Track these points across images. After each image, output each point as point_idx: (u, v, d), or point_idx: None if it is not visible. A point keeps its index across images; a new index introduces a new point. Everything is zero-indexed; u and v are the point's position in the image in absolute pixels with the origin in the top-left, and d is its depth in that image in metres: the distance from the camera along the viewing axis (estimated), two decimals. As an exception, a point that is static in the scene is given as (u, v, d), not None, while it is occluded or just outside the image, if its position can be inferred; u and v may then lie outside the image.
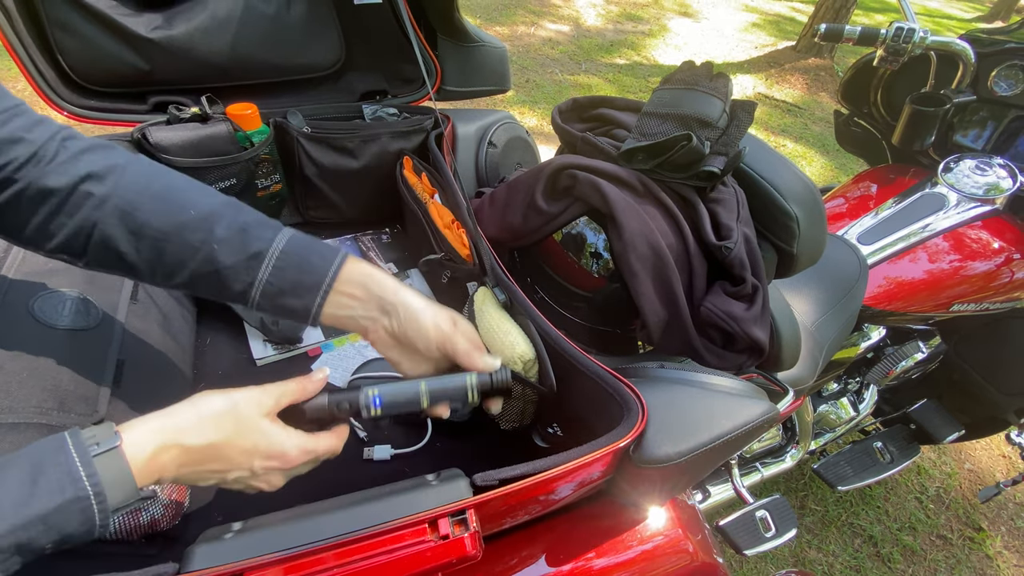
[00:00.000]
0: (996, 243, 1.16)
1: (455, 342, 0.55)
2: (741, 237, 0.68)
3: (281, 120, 0.95)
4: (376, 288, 0.53)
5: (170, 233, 0.49)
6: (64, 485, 0.36)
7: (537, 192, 0.75)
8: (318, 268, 0.51)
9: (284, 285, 0.51)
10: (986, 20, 8.36)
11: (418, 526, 0.42)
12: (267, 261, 0.50)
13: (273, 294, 0.51)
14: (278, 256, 0.50)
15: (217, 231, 0.49)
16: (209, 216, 0.49)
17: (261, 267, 0.50)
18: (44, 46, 0.81)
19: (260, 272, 0.50)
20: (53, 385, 0.54)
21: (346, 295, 0.53)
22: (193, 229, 0.49)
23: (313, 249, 0.52)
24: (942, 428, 1.46)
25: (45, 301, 0.59)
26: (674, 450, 0.51)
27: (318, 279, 0.51)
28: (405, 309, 0.54)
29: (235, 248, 0.49)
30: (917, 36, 1.11)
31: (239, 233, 0.50)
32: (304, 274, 0.51)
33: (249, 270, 0.50)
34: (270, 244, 0.50)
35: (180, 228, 0.49)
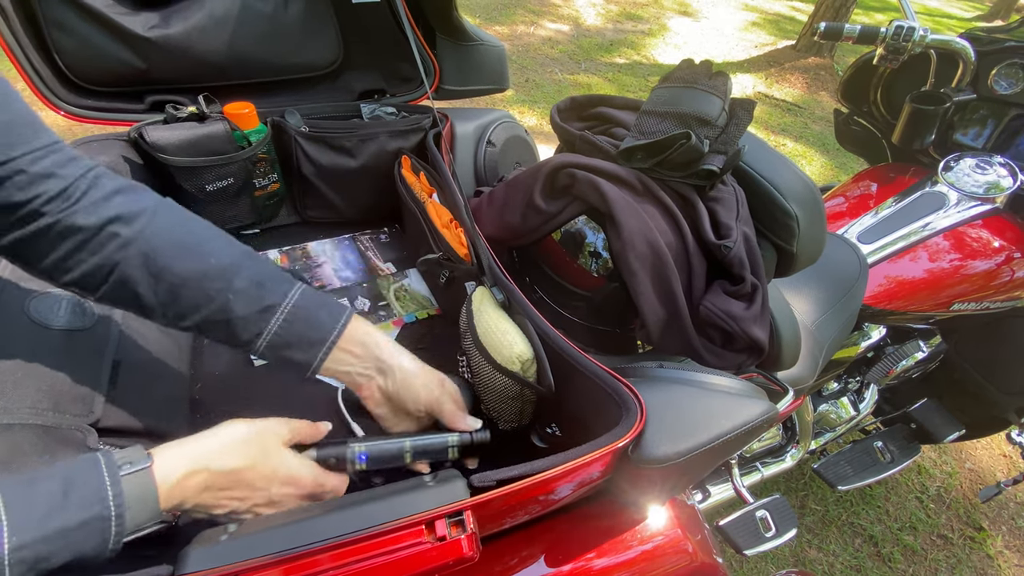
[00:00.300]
0: (996, 242, 1.15)
1: (442, 404, 0.60)
2: (740, 236, 0.68)
3: (279, 119, 0.95)
4: (375, 349, 0.57)
5: (189, 280, 0.50)
6: (91, 502, 0.37)
7: (535, 191, 0.75)
8: (325, 325, 0.54)
9: (291, 339, 0.53)
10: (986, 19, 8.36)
11: (415, 527, 0.42)
12: (279, 315, 0.52)
13: (279, 346, 0.53)
14: (289, 310, 0.53)
15: (236, 283, 0.51)
16: (230, 267, 0.52)
17: (272, 320, 0.52)
18: (41, 45, 0.81)
19: (270, 324, 0.52)
20: (48, 386, 0.54)
21: (347, 352, 0.56)
22: (213, 278, 0.51)
23: (322, 305, 0.55)
24: (942, 427, 1.46)
25: (41, 301, 0.59)
26: (673, 450, 0.51)
27: (323, 335, 0.54)
28: (401, 372, 0.58)
29: (250, 300, 0.52)
30: (917, 35, 1.11)
31: (256, 286, 0.52)
32: (311, 329, 0.54)
33: (260, 322, 0.52)
34: (284, 299, 0.53)
35: (200, 276, 0.51)
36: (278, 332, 0.52)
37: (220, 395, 0.78)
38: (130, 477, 0.39)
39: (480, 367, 0.68)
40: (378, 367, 0.57)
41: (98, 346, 0.61)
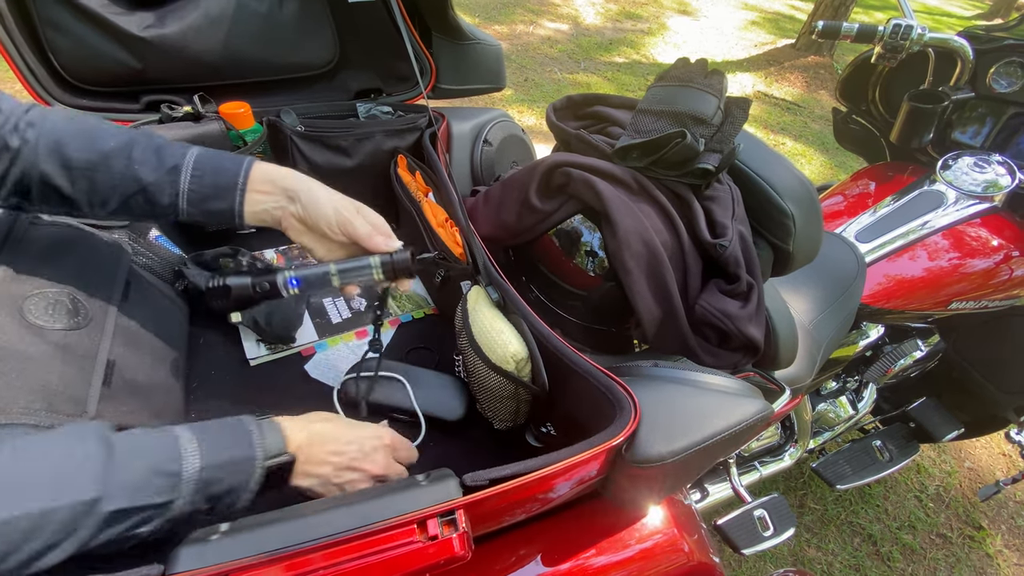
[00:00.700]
0: (995, 241, 1.15)
1: (355, 224, 0.61)
2: (736, 235, 0.68)
3: (274, 119, 0.95)
4: (280, 180, 0.59)
5: (97, 163, 0.54)
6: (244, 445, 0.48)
7: (531, 190, 0.75)
8: (231, 170, 0.58)
9: (205, 190, 0.57)
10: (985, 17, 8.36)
11: (407, 526, 0.41)
12: (184, 171, 0.56)
13: (198, 200, 0.57)
14: (193, 166, 0.57)
15: (135, 154, 0.55)
16: (127, 143, 0.55)
17: (181, 177, 0.56)
18: (36, 45, 0.81)
19: (181, 182, 0.56)
20: (41, 386, 0.54)
21: (258, 192, 0.59)
22: (115, 156, 0.55)
23: (223, 156, 0.59)
24: (941, 426, 1.46)
25: (34, 301, 0.59)
26: (667, 449, 0.51)
27: (232, 179, 0.57)
28: (307, 194, 0.60)
29: (154, 166, 0.55)
30: (915, 33, 1.10)
31: (155, 153, 0.56)
32: (220, 176, 0.57)
33: (172, 183, 0.56)
34: (183, 157, 0.57)
35: (104, 157, 0.54)
36: (191, 188, 0.56)
37: (215, 394, 0.78)
38: (264, 423, 0.51)
39: (475, 366, 0.68)
40: (287, 195, 0.60)
41: (92, 346, 0.61)
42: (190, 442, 0.46)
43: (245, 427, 0.50)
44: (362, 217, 0.63)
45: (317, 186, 0.61)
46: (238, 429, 0.50)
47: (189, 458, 0.45)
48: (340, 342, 0.89)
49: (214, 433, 0.48)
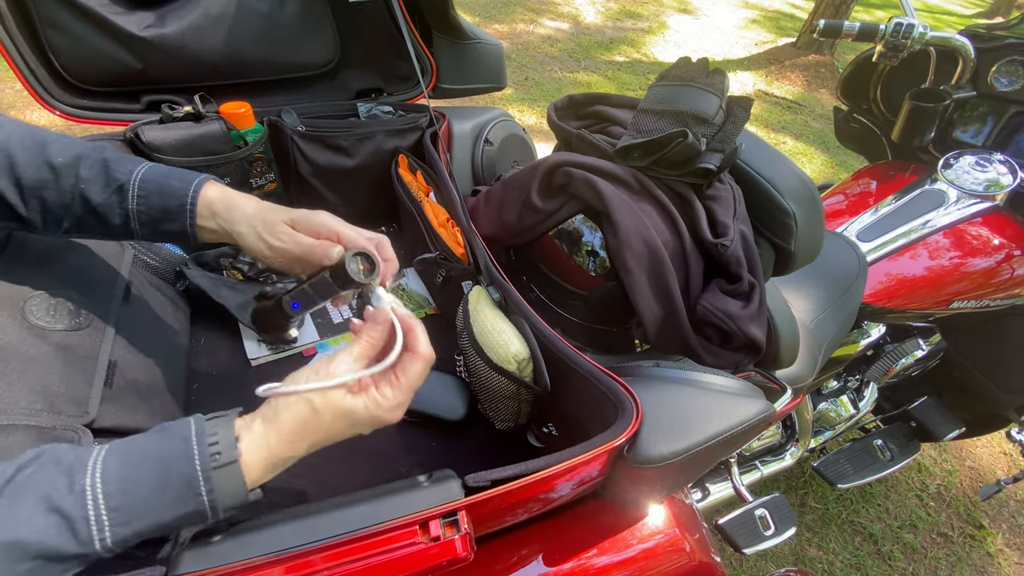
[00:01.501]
0: (996, 240, 1.15)
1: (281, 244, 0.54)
2: (738, 234, 0.67)
3: (275, 119, 0.94)
4: (213, 202, 0.55)
5: (47, 181, 0.52)
6: (187, 498, 0.39)
7: (532, 190, 0.75)
8: (179, 190, 0.54)
9: (154, 212, 0.54)
10: (986, 16, 8.35)
11: (409, 528, 0.41)
12: (131, 191, 0.53)
13: (150, 222, 0.54)
14: (139, 185, 0.53)
15: (82, 171, 0.52)
16: (75, 160, 0.53)
17: (128, 198, 0.53)
18: (36, 45, 0.81)
19: (129, 202, 0.53)
20: (43, 387, 0.54)
21: (212, 213, 0.55)
22: (64, 174, 0.52)
23: (172, 175, 0.55)
24: (942, 425, 1.46)
25: (36, 302, 0.59)
26: (669, 449, 0.51)
27: (181, 200, 0.54)
28: (227, 218, 0.55)
29: (101, 184, 0.53)
30: (916, 32, 1.10)
31: (102, 170, 0.53)
32: (167, 198, 0.54)
33: (120, 203, 0.53)
34: (131, 175, 0.53)
35: (54, 175, 0.52)
36: (139, 209, 0.53)
37: (216, 395, 0.78)
38: (220, 472, 0.40)
39: (476, 366, 0.68)
40: (221, 219, 0.55)
41: (93, 347, 0.61)
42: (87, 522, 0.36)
43: (184, 474, 0.39)
44: (288, 231, 0.54)
45: (241, 207, 0.55)
46: (172, 477, 0.39)
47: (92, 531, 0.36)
48: (341, 342, 0.88)
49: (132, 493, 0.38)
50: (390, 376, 0.47)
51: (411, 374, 0.47)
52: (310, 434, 0.44)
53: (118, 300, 0.68)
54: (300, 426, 0.43)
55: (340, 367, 0.46)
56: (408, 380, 0.47)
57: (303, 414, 0.43)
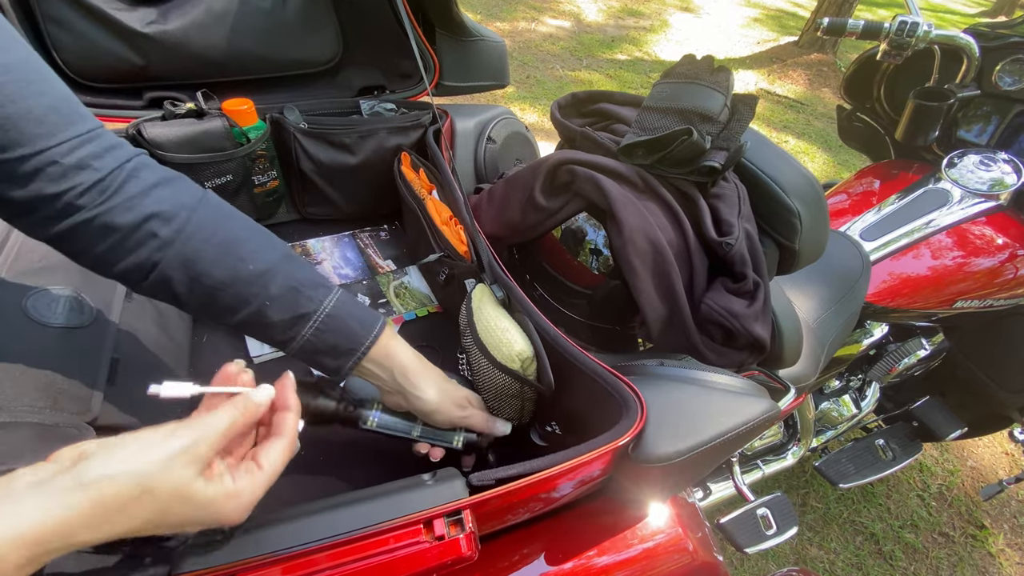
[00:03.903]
0: (1000, 239, 1.15)
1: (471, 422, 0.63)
2: (742, 233, 0.67)
3: (278, 116, 0.94)
4: (399, 375, 0.58)
5: (227, 284, 0.50)
6: None
7: (535, 188, 0.74)
8: (357, 336, 0.55)
9: (322, 346, 0.54)
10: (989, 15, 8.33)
11: (413, 527, 0.41)
12: (312, 322, 0.53)
13: (311, 352, 0.54)
14: (323, 320, 0.53)
15: (272, 289, 0.51)
16: (267, 272, 0.51)
17: (305, 327, 0.53)
18: (38, 42, 0.80)
19: (304, 331, 0.53)
20: (46, 384, 0.54)
21: (375, 366, 0.57)
22: (249, 283, 0.51)
23: (354, 315, 0.55)
24: (945, 425, 1.45)
25: (38, 299, 0.59)
26: (673, 449, 0.51)
27: (354, 346, 0.55)
28: (421, 403, 0.59)
29: (285, 306, 0.52)
30: (921, 30, 1.10)
31: (291, 292, 0.52)
32: (342, 339, 0.54)
33: (294, 327, 0.53)
34: (319, 307, 0.53)
35: (236, 280, 0.50)
36: (311, 339, 0.53)
37: (219, 393, 0.77)
38: None
39: (480, 365, 0.68)
40: (399, 391, 0.59)
41: (96, 344, 0.61)
42: None
43: None
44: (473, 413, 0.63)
45: (433, 393, 0.59)
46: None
47: None
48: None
49: None
50: (250, 462, 0.40)
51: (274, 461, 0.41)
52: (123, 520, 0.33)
53: (121, 298, 0.68)
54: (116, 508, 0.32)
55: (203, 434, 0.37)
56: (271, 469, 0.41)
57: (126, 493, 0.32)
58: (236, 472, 0.39)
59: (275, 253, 0.53)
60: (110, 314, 0.64)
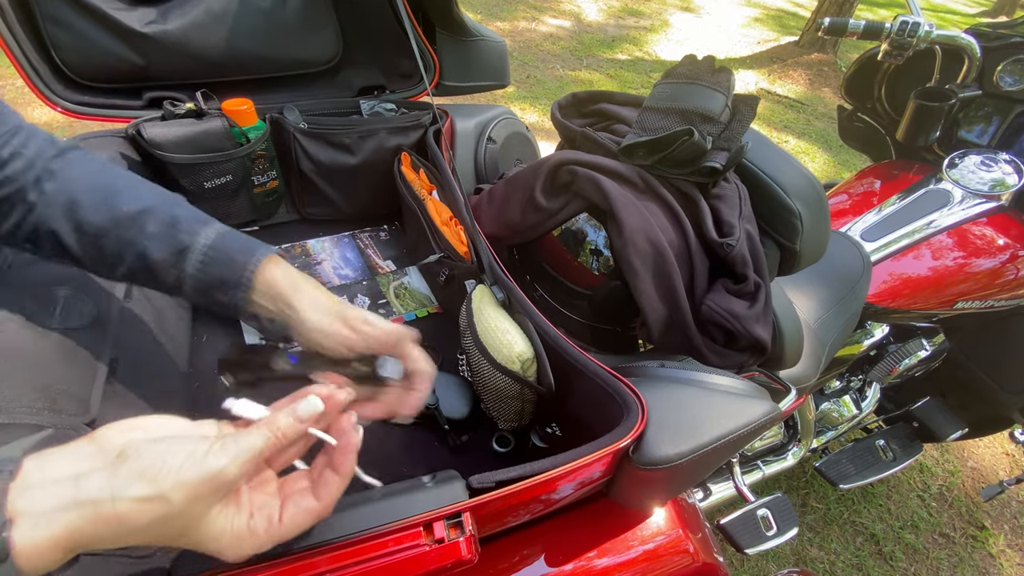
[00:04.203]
0: (1001, 240, 1.14)
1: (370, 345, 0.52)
2: (743, 234, 0.67)
3: (277, 116, 0.94)
4: (278, 298, 0.52)
5: (108, 228, 0.50)
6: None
7: (536, 188, 0.74)
8: (241, 264, 0.51)
9: (212, 281, 0.51)
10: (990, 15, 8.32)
11: (412, 529, 0.41)
12: (193, 256, 0.51)
13: (202, 289, 0.52)
14: (204, 252, 0.51)
15: (148, 227, 0.50)
16: (143, 211, 0.51)
17: (188, 262, 0.51)
18: (38, 41, 0.80)
19: (188, 266, 0.51)
20: (44, 384, 0.53)
21: (262, 296, 0.52)
22: (127, 225, 0.50)
23: (236, 246, 0.52)
24: (945, 426, 1.45)
25: (37, 299, 0.58)
26: (675, 451, 0.51)
27: (238, 276, 0.51)
28: (302, 326, 0.51)
29: (164, 243, 0.50)
30: (922, 30, 1.09)
31: (168, 228, 0.51)
32: (226, 270, 0.51)
33: (178, 264, 0.51)
34: (197, 239, 0.51)
35: (116, 223, 0.50)
36: (196, 275, 0.51)
37: (218, 391, 0.77)
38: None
39: (480, 366, 0.68)
40: (286, 321, 0.52)
41: (95, 344, 0.60)
42: None
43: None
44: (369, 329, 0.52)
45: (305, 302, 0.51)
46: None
47: None
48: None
49: None
50: (271, 509, 0.37)
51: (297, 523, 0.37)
52: (138, 536, 0.32)
53: (120, 298, 0.68)
54: (138, 528, 0.32)
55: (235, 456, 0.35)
56: (295, 522, 0.37)
57: (152, 513, 0.32)
58: (258, 512, 0.37)
59: (153, 195, 0.53)
60: (108, 314, 0.64)
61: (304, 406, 0.39)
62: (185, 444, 0.34)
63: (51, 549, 0.30)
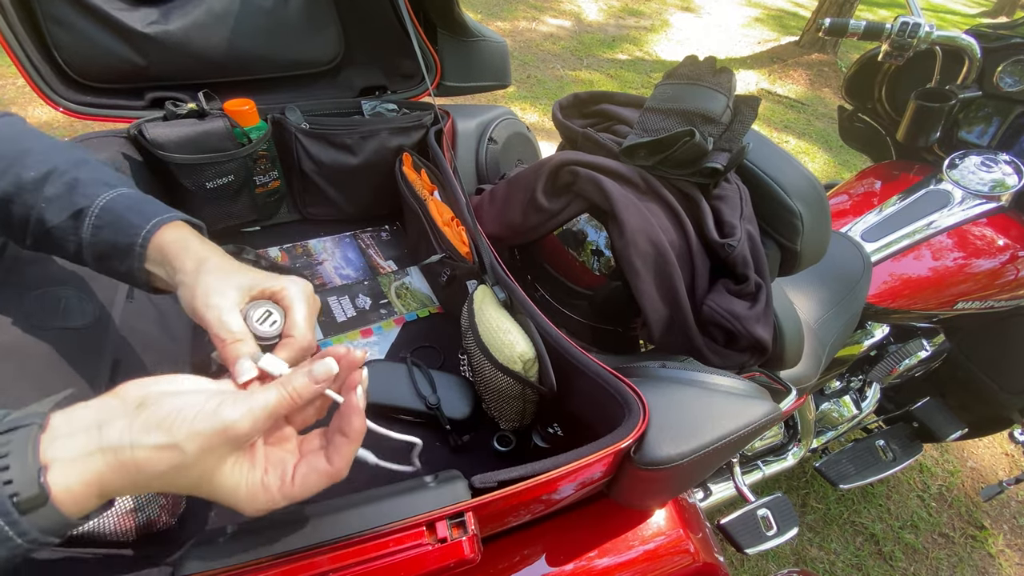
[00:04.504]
0: (1001, 240, 1.15)
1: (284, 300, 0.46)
2: (744, 234, 0.67)
3: (279, 116, 0.94)
4: (167, 264, 0.47)
5: (13, 195, 0.48)
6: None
7: (537, 189, 0.74)
8: (133, 228, 0.47)
9: (105, 247, 0.47)
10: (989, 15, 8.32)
11: (415, 529, 0.41)
12: (87, 219, 0.47)
13: (99, 257, 0.48)
14: (97, 215, 0.47)
15: (47, 190, 0.48)
16: (47, 175, 0.48)
17: (83, 226, 0.47)
18: (40, 42, 0.80)
19: (83, 232, 0.47)
20: (47, 385, 0.54)
21: (157, 262, 0.47)
22: (31, 191, 0.48)
23: (134, 208, 0.48)
24: (945, 426, 1.45)
25: (38, 300, 0.58)
26: (676, 451, 0.51)
27: (132, 240, 0.47)
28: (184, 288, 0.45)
29: (61, 206, 0.47)
30: (923, 31, 1.10)
31: (67, 190, 0.48)
32: (119, 235, 0.47)
33: (76, 229, 0.47)
34: (92, 201, 0.47)
35: (20, 189, 0.48)
36: (91, 241, 0.47)
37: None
38: (27, 516, 0.29)
39: (481, 366, 0.68)
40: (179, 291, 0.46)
41: (97, 344, 0.61)
42: None
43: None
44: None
45: (189, 263, 0.45)
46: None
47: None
48: (344, 340, 0.88)
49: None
50: (286, 466, 0.38)
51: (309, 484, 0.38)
52: (154, 483, 0.33)
53: (122, 298, 0.68)
54: (155, 474, 0.33)
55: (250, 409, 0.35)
56: (307, 483, 0.38)
57: (168, 461, 0.32)
58: (271, 463, 0.38)
59: (61, 158, 0.50)
60: (111, 315, 0.64)
61: (319, 367, 0.39)
62: (200, 397, 0.35)
63: (84, 494, 0.31)
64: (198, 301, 0.43)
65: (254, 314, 0.44)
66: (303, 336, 0.44)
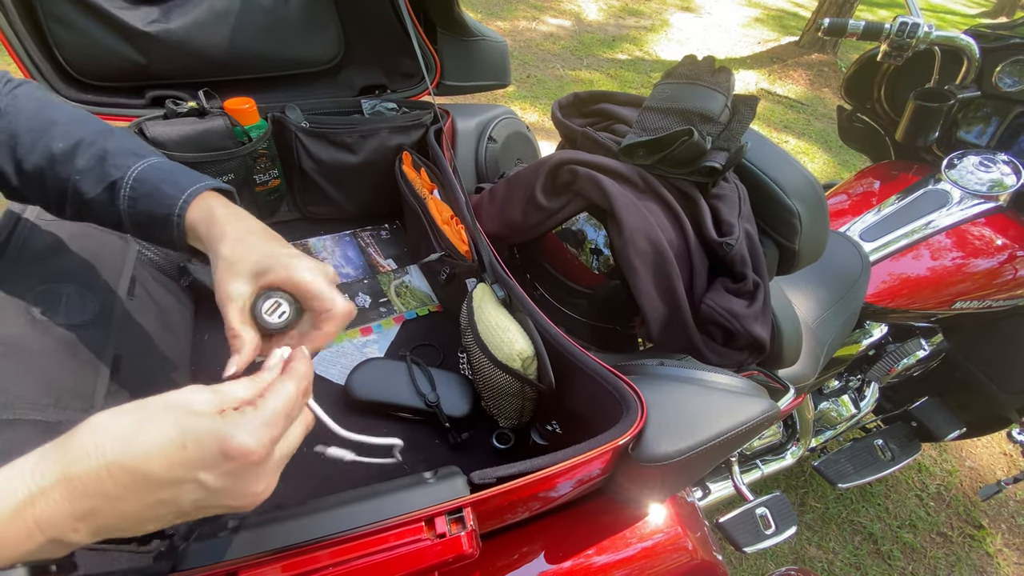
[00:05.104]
0: (999, 240, 1.15)
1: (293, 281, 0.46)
2: (742, 233, 0.67)
3: (279, 115, 0.94)
4: (206, 236, 0.47)
5: (45, 168, 0.48)
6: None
7: (537, 188, 0.75)
8: (169, 199, 0.48)
9: (143, 219, 0.48)
10: (989, 16, 8.32)
11: (414, 524, 0.42)
12: (122, 191, 0.48)
13: (139, 227, 0.49)
14: (131, 186, 0.48)
15: (78, 162, 0.48)
16: (75, 146, 0.49)
17: (119, 198, 0.48)
18: (40, 40, 0.81)
19: (120, 203, 0.48)
20: (49, 381, 0.54)
21: (195, 236, 0.48)
22: (63, 162, 0.48)
23: (168, 178, 0.48)
24: (943, 426, 1.46)
25: (41, 296, 0.59)
26: (673, 448, 0.51)
27: (168, 211, 0.47)
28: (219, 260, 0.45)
29: (95, 178, 0.48)
30: (921, 31, 1.10)
31: (98, 162, 0.49)
32: (156, 206, 0.48)
33: (111, 201, 0.48)
34: (124, 173, 0.48)
35: (52, 162, 0.48)
36: (130, 212, 0.48)
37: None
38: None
39: (480, 364, 0.68)
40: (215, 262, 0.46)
41: (99, 340, 0.61)
42: None
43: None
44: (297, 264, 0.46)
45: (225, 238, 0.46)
46: None
47: None
48: (345, 339, 0.89)
49: None
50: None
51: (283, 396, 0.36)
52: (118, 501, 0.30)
53: (123, 295, 0.68)
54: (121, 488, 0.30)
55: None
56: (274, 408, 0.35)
57: None
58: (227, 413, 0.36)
59: (86, 129, 0.50)
60: (112, 311, 0.65)
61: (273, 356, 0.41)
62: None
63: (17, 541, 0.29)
64: (216, 288, 0.45)
65: (263, 305, 0.45)
66: (340, 307, 0.45)
